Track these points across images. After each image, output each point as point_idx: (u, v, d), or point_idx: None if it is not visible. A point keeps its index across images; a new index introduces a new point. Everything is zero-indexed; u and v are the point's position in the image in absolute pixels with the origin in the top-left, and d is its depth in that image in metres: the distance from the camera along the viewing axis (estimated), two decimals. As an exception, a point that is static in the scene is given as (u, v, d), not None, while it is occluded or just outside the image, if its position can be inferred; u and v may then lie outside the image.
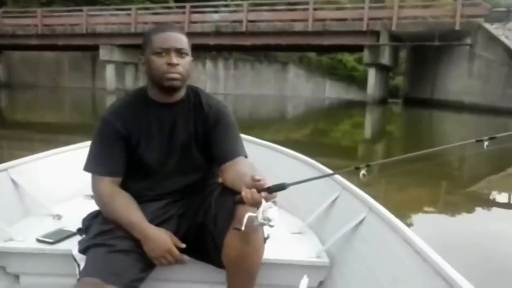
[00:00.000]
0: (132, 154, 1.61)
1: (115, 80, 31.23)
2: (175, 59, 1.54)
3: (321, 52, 39.31)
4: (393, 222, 1.59)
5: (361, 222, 1.78)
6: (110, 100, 23.43)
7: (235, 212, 1.44)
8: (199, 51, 33.07)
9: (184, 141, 1.65)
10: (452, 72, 23.79)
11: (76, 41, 29.87)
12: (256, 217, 1.23)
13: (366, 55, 24.40)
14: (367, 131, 13.54)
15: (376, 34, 24.00)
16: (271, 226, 1.24)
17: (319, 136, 10.68)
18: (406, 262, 1.43)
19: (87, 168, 1.61)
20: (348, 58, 45.43)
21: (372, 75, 25.00)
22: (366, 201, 1.82)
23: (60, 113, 16.34)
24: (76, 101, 23.78)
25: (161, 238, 1.47)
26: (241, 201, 1.32)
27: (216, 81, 36.68)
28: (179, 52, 1.56)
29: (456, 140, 1.72)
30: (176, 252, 1.49)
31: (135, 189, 1.63)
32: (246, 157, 1.67)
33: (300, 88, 41.81)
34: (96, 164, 1.59)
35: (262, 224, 1.24)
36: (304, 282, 1.28)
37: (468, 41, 22.13)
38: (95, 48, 29.62)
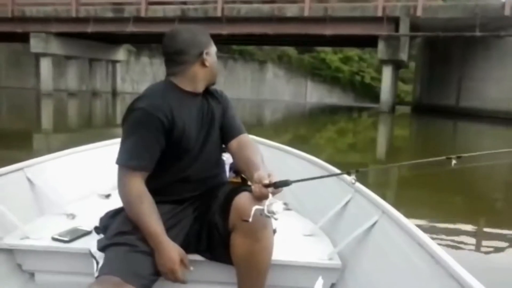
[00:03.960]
0: (173, 144, 1.63)
1: (52, 78, 26.08)
2: None
3: (320, 46, 34.25)
4: (406, 225, 1.59)
5: (373, 225, 1.79)
6: (47, 105, 17.99)
7: (239, 203, 1.53)
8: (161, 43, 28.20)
9: (210, 124, 1.75)
10: (491, 73, 18.86)
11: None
12: (263, 209, 1.34)
13: (381, 49, 18.82)
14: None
15: (395, 21, 18.69)
16: (276, 219, 1.36)
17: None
18: (420, 266, 1.43)
19: (120, 161, 1.58)
20: (333, 58, 44.09)
21: (387, 75, 19.42)
22: (379, 204, 1.83)
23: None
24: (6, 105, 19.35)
25: (169, 256, 1.49)
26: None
27: (183, 82, 30.96)
28: None
29: None
30: (178, 274, 1.51)
31: (161, 178, 1.67)
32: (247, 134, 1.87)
33: (280, 91, 41.56)
34: (131, 158, 1.57)
35: (267, 217, 1.35)
36: (319, 283, 1.28)
37: (522, 31, 16.74)
38: (25, 36, 24.37)
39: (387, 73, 19.41)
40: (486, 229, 3.94)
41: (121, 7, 22.36)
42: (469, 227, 3.89)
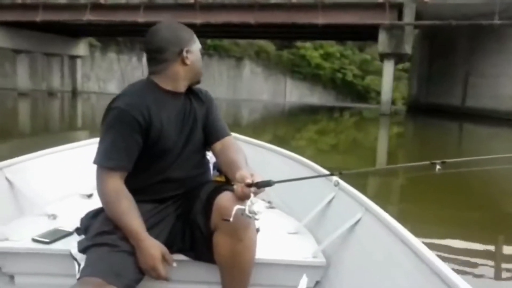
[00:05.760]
0: (151, 144, 1.62)
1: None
2: None
3: (311, 39, 32.19)
4: (389, 223, 1.59)
5: (357, 222, 1.80)
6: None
7: (221, 203, 1.51)
8: (128, 34, 25.51)
9: (192, 125, 1.73)
10: (507, 69, 16.62)
11: None
12: (244, 209, 1.32)
13: (383, 41, 16.45)
14: None
15: (398, 8, 16.34)
16: (257, 219, 1.35)
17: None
18: (403, 263, 1.45)
19: (97, 161, 1.57)
20: (313, 54, 42.29)
21: (389, 72, 17.03)
22: (362, 201, 1.84)
23: None
24: None
25: (150, 253, 1.47)
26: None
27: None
28: None
29: None
30: (160, 271, 1.48)
31: (141, 178, 1.65)
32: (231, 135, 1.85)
33: (258, 89, 38.94)
34: (108, 157, 1.56)
35: (248, 217, 1.33)
36: (303, 281, 1.28)
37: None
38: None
39: (388, 68, 17.04)
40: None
41: (76, -8, 19.51)
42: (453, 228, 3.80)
